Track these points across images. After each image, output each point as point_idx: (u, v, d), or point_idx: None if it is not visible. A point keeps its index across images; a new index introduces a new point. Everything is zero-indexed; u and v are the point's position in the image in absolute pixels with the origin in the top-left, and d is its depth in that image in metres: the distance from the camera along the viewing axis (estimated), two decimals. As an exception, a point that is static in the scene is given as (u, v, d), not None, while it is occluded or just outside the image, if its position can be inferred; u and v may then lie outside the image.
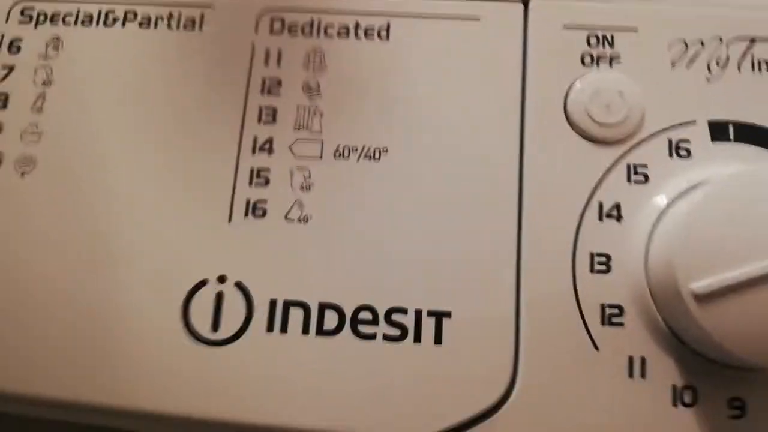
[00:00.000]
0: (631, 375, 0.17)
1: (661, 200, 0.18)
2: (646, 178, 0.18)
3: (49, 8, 0.21)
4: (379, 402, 0.17)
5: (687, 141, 0.19)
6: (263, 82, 0.20)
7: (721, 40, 0.20)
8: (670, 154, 0.19)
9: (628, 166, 0.19)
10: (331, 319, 0.18)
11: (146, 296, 0.18)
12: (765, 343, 0.16)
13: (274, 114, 0.20)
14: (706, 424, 0.17)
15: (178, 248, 0.19)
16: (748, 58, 0.19)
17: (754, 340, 0.16)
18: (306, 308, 0.18)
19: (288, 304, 0.18)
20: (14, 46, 0.21)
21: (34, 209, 0.19)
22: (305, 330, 0.18)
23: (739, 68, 0.19)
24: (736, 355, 0.16)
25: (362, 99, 0.20)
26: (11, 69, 0.21)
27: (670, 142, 0.19)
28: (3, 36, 0.21)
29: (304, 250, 0.18)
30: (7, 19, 0.21)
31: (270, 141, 0.19)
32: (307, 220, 0.19)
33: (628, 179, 0.19)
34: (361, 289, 0.18)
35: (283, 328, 0.18)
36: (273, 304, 0.18)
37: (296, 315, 0.18)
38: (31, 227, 0.19)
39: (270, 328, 0.18)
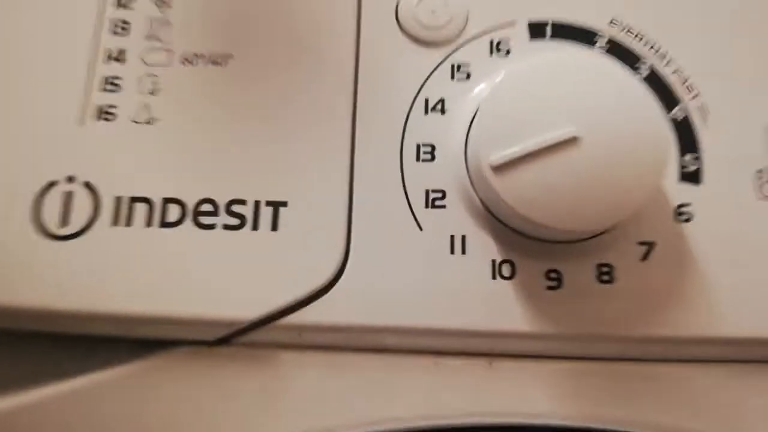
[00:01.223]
0: (452, 252, 0.19)
1: (480, 93, 0.19)
2: (468, 75, 0.20)
3: None
4: (220, 285, 0.19)
5: (507, 40, 0.20)
6: (115, -2, 0.21)
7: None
8: (491, 53, 0.20)
9: (452, 65, 0.20)
10: (173, 212, 0.19)
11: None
12: (552, 206, 0.17)
13: (126, 26, 0.21)
14: (524, 295, 0.19)
15: (30, 150, 0.19)
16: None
17: (544, 203, 0.17)
18: (150, 203, 0.19)
19: (133, 200, 0.19)
20: None
21: None
22: (148, 223, 0.19)
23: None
24: (530, 219, 0.17)
25: (209, 11, 0.21)
26: None
27: (491, 42, 0.20)
28: None
29: (150, 150, 0.19)
30: None
31: (122, 51, 0.20)
32: (153, 122, 0.20)
33: (452, 77, 0.20)
34: (203, 184, 0.19)
35: (128, 222, 0.19)
36: (119, 200, 0.19)
37: (141, 209, 0.19)
38: None
39: (115, 222, 0.19)
